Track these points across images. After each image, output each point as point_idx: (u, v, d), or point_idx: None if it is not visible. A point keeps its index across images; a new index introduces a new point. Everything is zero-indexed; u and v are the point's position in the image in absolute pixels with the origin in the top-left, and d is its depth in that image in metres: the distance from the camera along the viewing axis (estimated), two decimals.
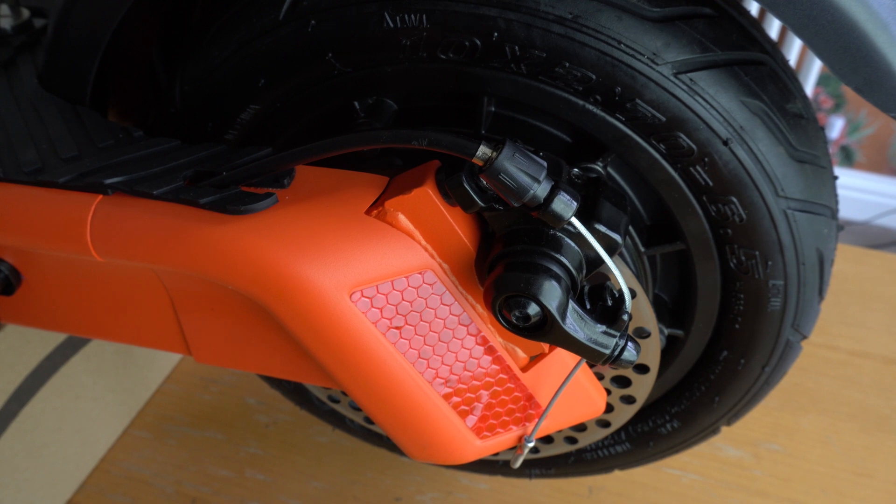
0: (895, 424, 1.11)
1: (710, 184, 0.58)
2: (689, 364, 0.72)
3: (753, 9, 1.96)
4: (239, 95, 0.63)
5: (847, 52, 0.47)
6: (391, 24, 0.56)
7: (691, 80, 0.55)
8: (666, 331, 0.70)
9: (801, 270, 0.62)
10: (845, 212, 2.48)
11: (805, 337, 0.67)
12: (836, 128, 2.42)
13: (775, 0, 0.47)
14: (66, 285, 0.64)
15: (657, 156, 0.58)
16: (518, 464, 0.64)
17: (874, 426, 1.10)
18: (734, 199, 0.58)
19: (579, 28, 0.54)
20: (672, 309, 0.70)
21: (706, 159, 0.57)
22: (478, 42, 0.56)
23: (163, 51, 0.76)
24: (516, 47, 0.55)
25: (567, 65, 0.55)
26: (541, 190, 0.49)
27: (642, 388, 0.69)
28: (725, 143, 0.56)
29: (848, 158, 2.48)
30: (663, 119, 0.56)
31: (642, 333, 0.65)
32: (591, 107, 0.57)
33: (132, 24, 0.65)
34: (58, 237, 0.56)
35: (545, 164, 0.49)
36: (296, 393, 0.89)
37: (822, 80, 2.35)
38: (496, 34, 0.55)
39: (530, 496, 0.99)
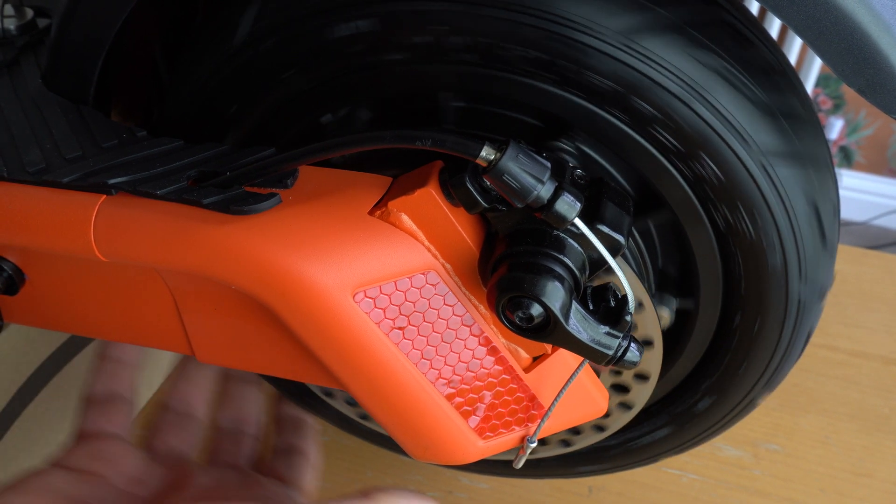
0: (894, 425, 1.11)
1: (678, 144, 0.57)
2: (708, 335, 0.71)
3: (754, 8, 1.96)
4: (217, 122, 0.64)
5: (850, 53, 0.47)
6: (344, 33, 0.57)
7: (637, 42, 0.54)
8: (674, 304, 0.69)
9: (795, 222, 0.60)
10: (845, 212, 2.49)
11: (822, 290, 0.65)
12: (835, 129, 2.43)
13: (778, 1, 0.47)
14: (69, 285, 0.64)
15: (620, 124, 0.58)
16: (521, 464, 0.64)
17: (873, 426, 1.11)
18: (705, 157, 0.58)
19: (521, 10, 0.54)
20: (679, 282, 0.70)
21: (667, 121, 0.56)
22: (430, 39, 0.56)
23: (165, 50, 0.76)
24: (466, 38, 0.56)
25: (513, 47, 0.55)
26: (544, 191, 0.49)
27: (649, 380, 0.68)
28: (681, 101, 0.55)
29: (847, 159, 2.48)
30: (616, 86, 0.55)
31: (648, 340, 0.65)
32: (546, 86, 0.57)
33: (135, 23, 0.65)
34: (61, 237, 0.56)
35: (549, 164, 0.49)
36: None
37: (821, 81, 2.35)
38: (446, 29, 0.55)
39: (531, 496, 0.99)
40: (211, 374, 0.72)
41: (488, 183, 0.51)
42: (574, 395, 0.62)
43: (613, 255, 0.52)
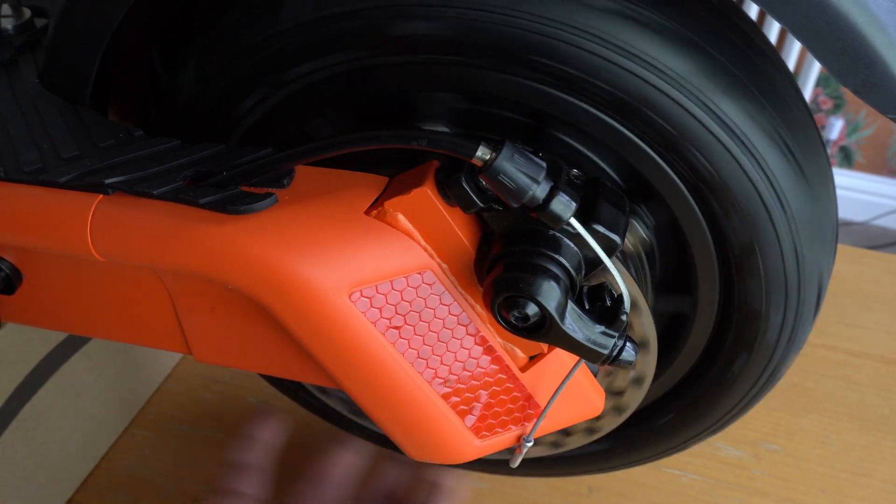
0: (894, 425, 1.11)
1: (608, 94, 0.56)
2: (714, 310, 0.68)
3: (752, 11, 1.96)
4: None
5: (845, 53, 0.47)
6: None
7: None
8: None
9: (753, 148, 0.56)
10: (845, 212, 2.49)
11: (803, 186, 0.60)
12: (835, 129, 2.42)
13: (773, 2, 0.47)
14: (66, 284, 0.64)
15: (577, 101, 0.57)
16: (517, 463, 0.64)
17: (873, 426, 1.10)
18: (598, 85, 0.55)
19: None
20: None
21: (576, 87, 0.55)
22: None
23: (162, 50, 0.76)
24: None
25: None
26: (540, 191, 0.49)
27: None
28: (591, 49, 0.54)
29: (847, 159, 2.48)
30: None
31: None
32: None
33: (132, 22, 0.65)
34: (58, 236, 0.56)
35: (544, 164, 0.49)
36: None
37: (821, 81, 2.35)
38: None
39: (530, 495, 0.99)
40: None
41: (484, 183, 0.51)
42: (570, 394, 0.62)
43: (609, 255, 0.52)
